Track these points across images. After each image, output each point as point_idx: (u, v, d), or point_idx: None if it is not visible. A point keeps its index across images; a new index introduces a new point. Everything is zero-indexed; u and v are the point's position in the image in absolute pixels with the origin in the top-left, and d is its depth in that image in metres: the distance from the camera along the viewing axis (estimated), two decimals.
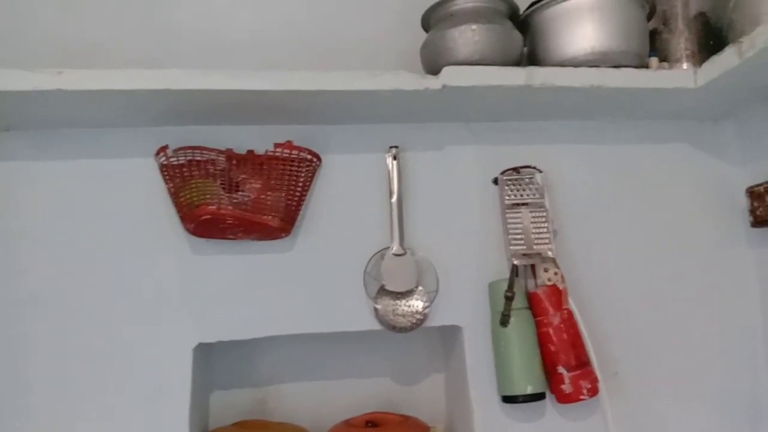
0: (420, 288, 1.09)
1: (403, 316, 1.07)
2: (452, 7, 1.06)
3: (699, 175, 1.21)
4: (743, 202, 1.14)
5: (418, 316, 1.08)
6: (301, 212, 1.09)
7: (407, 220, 1.11)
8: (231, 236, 1.05)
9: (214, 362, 1.16)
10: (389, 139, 1.14)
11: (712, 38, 1.11)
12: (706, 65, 1.02)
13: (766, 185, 1.08)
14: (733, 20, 1.01)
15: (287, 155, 1.03)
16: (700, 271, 1.18)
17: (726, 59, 0.98)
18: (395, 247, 1.09)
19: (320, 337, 1.11)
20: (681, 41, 1.11)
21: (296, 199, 1.06)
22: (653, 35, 1.13)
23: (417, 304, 1.08)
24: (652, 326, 1.15)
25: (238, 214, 0.99)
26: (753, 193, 1.11)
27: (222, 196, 1.00)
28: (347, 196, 1.12)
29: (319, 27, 1.26)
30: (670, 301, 1.16)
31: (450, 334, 1.15)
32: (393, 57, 1.20)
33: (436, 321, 1.09)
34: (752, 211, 1.12)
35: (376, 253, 1.09)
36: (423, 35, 1.12)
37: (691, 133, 1.22)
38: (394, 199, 1.11)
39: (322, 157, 1.10)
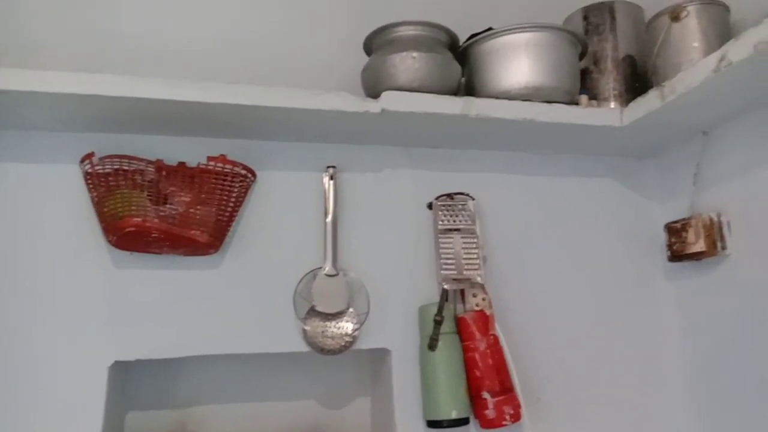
0: (351, 310, 1.08)
1: (332, 338, 1.06)
2: (394, 33, 1.08)
3: (623, 209, 1.27)
4: (662, 236, 1.20)
5: (348, 339, 1.07)
6: (232, 228, 1.06)
7: (341, 241, 1.11)
8: (156, 250, 1.02)
9: (132, 382, 1.11)
10: (327, 159, 1.14)
11: (638, 80, 1.17)
12: (632, 106, 1.08)
13: (682, 222, 1.14)
14: (657, 65, 1.07)
15: (220, 169, 1.01)
16: (621, 302, 1.23)
17: (649, 101, 1.03)
18: (328, 268, 1.08)
19: (246, 357, 1.08)
20: (610, 81, 1.17)
21: (227, 214, 1.03)
22: (584, 74, 1.18)
23: (347, 326, 1.07)
24: (575, 354, 1.18)
25: (164, 228, 0.96)
26: (671, 229, 1.17)
27: (148, 208, 0.96)
28: (282, 213, 1.10)
29: (265, 44, 1.24)
30: (592, 330, 1.20)
31: (378, 357, 1.15)
32: (336, 77, 1.20)
33: (365, 344, 1.08)
34: (670, 246, 1.17)
35: (307, 273, 1.08)
36: (366, 58, 1.13)
37: (616, 168, 1.28)
38: (329, 219, 1.10)
39: (257, 172, 1.08)
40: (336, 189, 1.12)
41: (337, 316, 1.07)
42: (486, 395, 1.04)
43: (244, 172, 1.05)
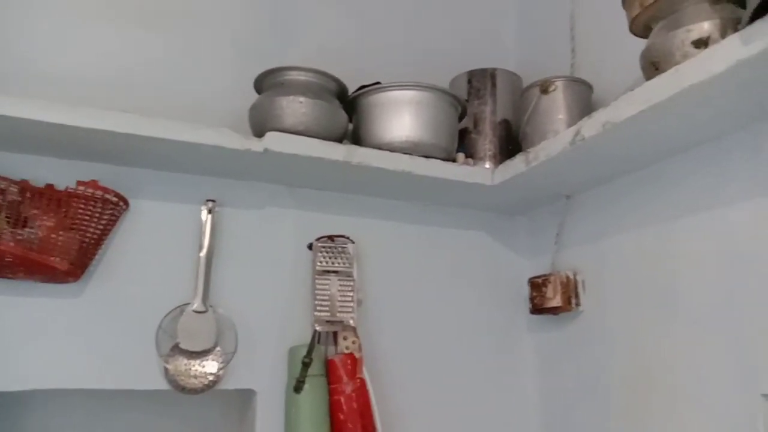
0: (218, 348, 1.06)
1: (195, 377, 1.04)
2: (284, 76, 1.10)
3: (493, 262, 1.34)
4: (526, 290, 1.28)
5: (211, 378, 1.04)
6: (97, 257, 1.02)
7: (215, 277, 1.09)
8: (10, 275, 0.96)
9: None
10: (207, 192, 1.13)
11: (511, 143, 1.26)
12: (501, 167, 1.16)
13: (543, 277, 1.23)
14: (526, 132, 1.16)
15: (90, 195, 0.98)
16: (487, 350, 1.29)
17: (516, 165, 1.11)
18: (197, 304, 1.06)
19: (103, 394, 1.03)
20: (486, 142, 1.25)
21: (93, 242, 0.99)
22: (464, 134, 1.25)
23: (212, 365, 1.05)
24: (440, 398, 1.22)
25: (19, 252, 0.91)
26: (533, 284, 1.25)
27: (4, 230, 0.91)
28: (153, 245, 1.08)
29: (154, 74, 1.19)
30: (458, 377, 1.25)
31: (245, 398, 1.13)
32: (229, 113, 1.19)
33: (230, 384, 1.07)
34: (532, 300, 1.25)
35: (175, 308, 1.05)
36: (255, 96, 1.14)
37: (489, 223, 1.36)
38: (203, 253, 1.09)
39: (130, 201, 1.05)
40: (214, 224, 1.11)
41: (202, 354, 1.05)
42: None
43: (115, 199, 1.02)
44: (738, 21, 0.79)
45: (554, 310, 1.21)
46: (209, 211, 1.11)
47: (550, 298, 1.20)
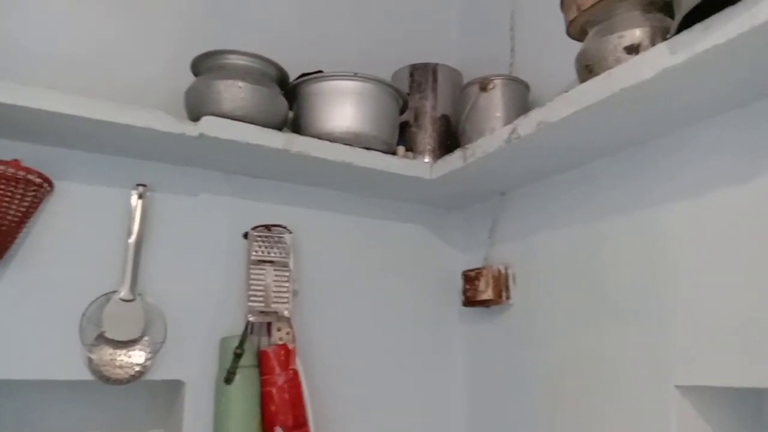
0: (145, 338, 1.03)
1: (121, 367, 1.00)
2: (223, 60, 1.07)
3: (428, 254, 1.36)
4: (460, 283, 1.31)
5: (138, 369, 1.01)
6: (18, 241, 0.97)
7: (145, 264, 1.06)
8: None
9: None
10: (138, 176, 1.08)
11: (450, 138, 1.27)
12: (440, 162, 1.17)
13: (476, 270, 1.25)
14: (465, 128, 1.18)
15: (11, 174, 0.92)
16: (420, 341, 1.31)
17: (454, 160, 1.13)
18: (124, 292, 1.02)
19: (23, 384, 0.98)
20: (426, 137, 1.26)
21: (14, 225, 0.94)
22: (404, 127, 1.26)
23: (138, 355, 1.02)
24: (372, 388, 1.24)
25: None
26: (466, 277, 1.28)
27: None
28: (79, 229, 1.03)
29: (90, 52, 1.13)
30: (390, 367, 1.27)
31: (173, 390, 1.10)
32: (164, 94, 1.14)
33: (158, 374, 1.03)
34: (464, 292, 1.28)
35: (101, 296, 1.01)
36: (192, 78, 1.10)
37: (426, 216, 1.37)
38: (132, 239, 1.05)
39: (55, 182, 1.00)
40: (144, 209, 1.07)
41: (128, 344, 1.01)
42: (279, 430, 1.04)
43: (39, 180, 0.96)
44: (666, 30, 0.83)
45: (486, 303, 1.24)
46: (140, 196, 1.07)
47: (482, 291, 1.23)
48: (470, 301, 1.26)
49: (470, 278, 1.26)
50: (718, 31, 0.67)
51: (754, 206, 0.81)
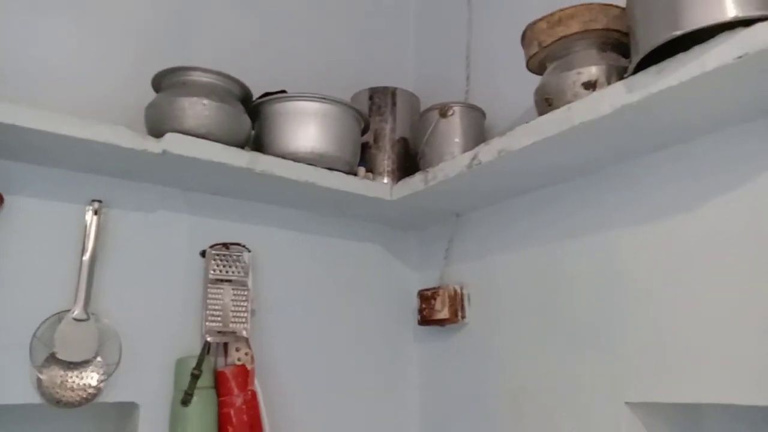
0: (98, 359, 0.99)
1: (73, 389, 0.96)
2: (187, 76, 1.06)
3: (386, 274, 1.38)
4: (416, 302, 1.33)
5: (91, 391, 0.97)
6: None
7: (99, 283, 1.02)
8: None
9: None
10: (93, 192, 1.05)
11: (409, 161, 1.31)
12: (401, 184, 1.20)
13: (432, 290, 1.28)
14: (425, 152, 1.21)
15: None
16: (376, 359, 1.33)
17: (415, 183, 1.16)
18: (77, 311, 0.98)
19: None
20: (385, 158, 1.29)
21: None
22: (364, 148, 1.28)
23: (91, 376, 0.98)
24: (329, 409, 1.24)
25: None
26: (422, 296, 1.31)
27: None
28: (31, 246, 0.99)
29: (47, 62, 1.10)
30: (347, 387, 1.27)
31: (125, 412, 1.06)
32: (118, 108, 1.11)
33: (111, 397, 1.00)
34: (420, 311, 1.31)
35: (52, 315, 0.97)
36: (152, 94, 1.08)
37: (384, 236, 1.40)
38: (87, 257, 1.01)
39: (5, 197, 0.96)
40: (99, 226, 1.04)
41: (81, 365, 0.97)
42: None
43: None
44: (620, 68, 0.89)
45: (441, 322, 1.27)
46: (95, 212, 1.04)
47: (438, 311, 1.26)
48: (426, 320, 1.29)
49: (426, 297, 1.29)
50: (671, 75, 0.73)
51: (701, 233, 0.87)
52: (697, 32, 0.70)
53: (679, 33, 0.70)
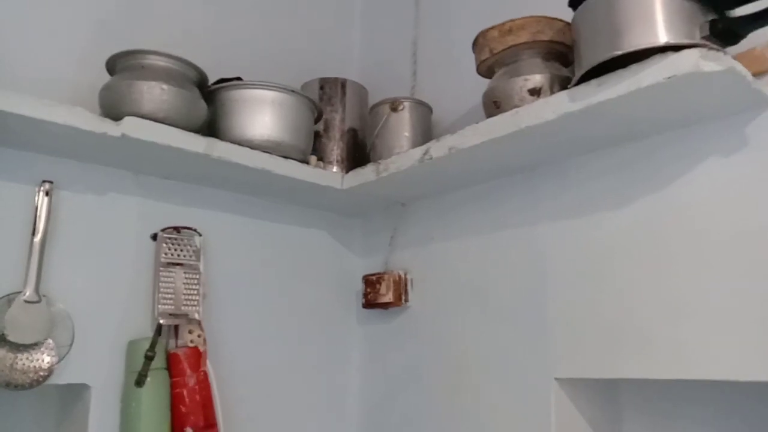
0: (49, 341, 0.99)
1: (23, 371, 0.95)
2: (145, 60, 1.06)
3: (332, 259, 1.43)
4: (360, 286, 1.39)
5: (42, 373, 0.97)
6: None
7: (50, 265, 1.02)
8: None
9: None
10: (43, 173, 1.04)
11: (358, 151, 1.35)
12: (352, 174, 1.25)
13: (377, 275, 1.35)
14: (375, 144, 1.27)
15: None
16: (321, 342, 1.38)
17: (367, 173, 1.21)
18: (28, 293, 0.98)
19: None
20: (335, 148, 1.33)
21: None
22: (315, 136, 1.32)
23: (42, 358, 0.98)
24: (277, 389, 1.28)
25: None
26: (367, 281, 1.37)
27: None
28: None
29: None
30: (294, 367, 1.32)
31: (77, 394, 1.06)
32: (69, 90, 1.09)
33: (62, 379, 1.00)
34: (365, 295, 1.37)
35: (2, 297, 0.96)
36: (104, 75, 1.07)
37: (331, 223, 1.44)
38: (38, 238, 1.00)
39: None
40: (50, 207, 1.03)
41: (32, 347, 0.97)
42: (189, 431, 1.06)
43: None
44: (561, 77, 0.98)
45: (385, 305, 1.33)
46: (46, 193, 1.02)
47: (383, 294, 1.32)
48: (371, 303, 1.35)
49: (371, 282, 1.35)
50: (611, 88, 0.83)
51: (623, 225, 0.98)
52: (634, 53, 0.79)
53: (619, 53, 0.79)
